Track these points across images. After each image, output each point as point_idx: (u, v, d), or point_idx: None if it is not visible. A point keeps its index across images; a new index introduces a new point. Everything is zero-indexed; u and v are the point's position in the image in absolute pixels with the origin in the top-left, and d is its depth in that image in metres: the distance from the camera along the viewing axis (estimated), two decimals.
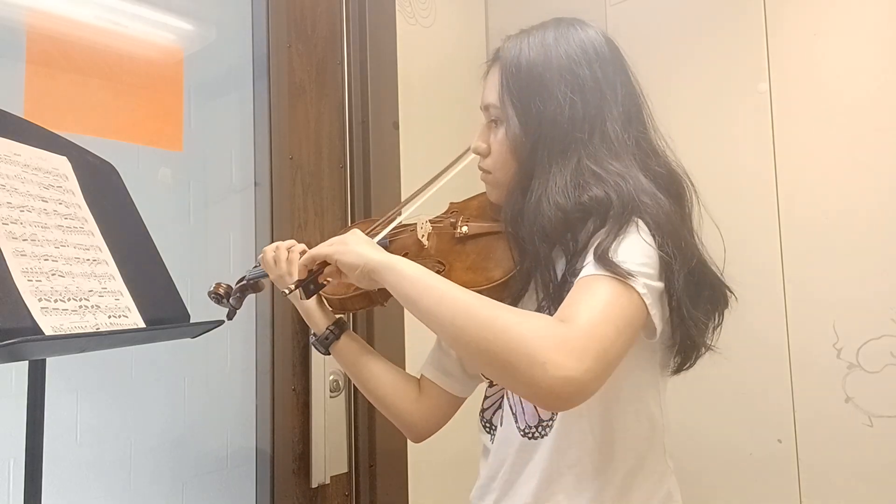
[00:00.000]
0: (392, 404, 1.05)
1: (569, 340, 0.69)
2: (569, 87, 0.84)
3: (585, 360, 0.68)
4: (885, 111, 1.36)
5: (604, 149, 0.84)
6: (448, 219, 1.00)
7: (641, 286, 0.75)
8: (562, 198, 0.81)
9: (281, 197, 1.60)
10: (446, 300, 0.76)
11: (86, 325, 0.83)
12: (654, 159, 0.88)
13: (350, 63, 1.75)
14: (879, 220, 1.35)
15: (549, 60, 0.85)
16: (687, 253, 0.81)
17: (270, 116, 1.60)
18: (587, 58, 0.86)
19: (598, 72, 0.86)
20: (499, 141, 0.90)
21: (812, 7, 1.46)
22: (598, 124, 0.84)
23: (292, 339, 1.58)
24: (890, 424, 1.32)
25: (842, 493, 1.37)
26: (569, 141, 0.84)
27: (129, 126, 1.44)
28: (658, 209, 0.80)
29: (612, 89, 0.86)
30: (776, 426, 1.45)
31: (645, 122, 0.90)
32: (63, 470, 1.28)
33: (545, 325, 0.71)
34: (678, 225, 0.83)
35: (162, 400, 1.45)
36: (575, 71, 0.85)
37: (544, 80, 0.85)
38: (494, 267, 0.89)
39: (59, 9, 1.37)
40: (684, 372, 0.90)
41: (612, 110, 0.85)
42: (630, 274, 0.74)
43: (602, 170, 0.82)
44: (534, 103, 0.85)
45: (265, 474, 1.54)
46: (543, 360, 0.67)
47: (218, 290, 1.16)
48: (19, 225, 0.84)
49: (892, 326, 1.33)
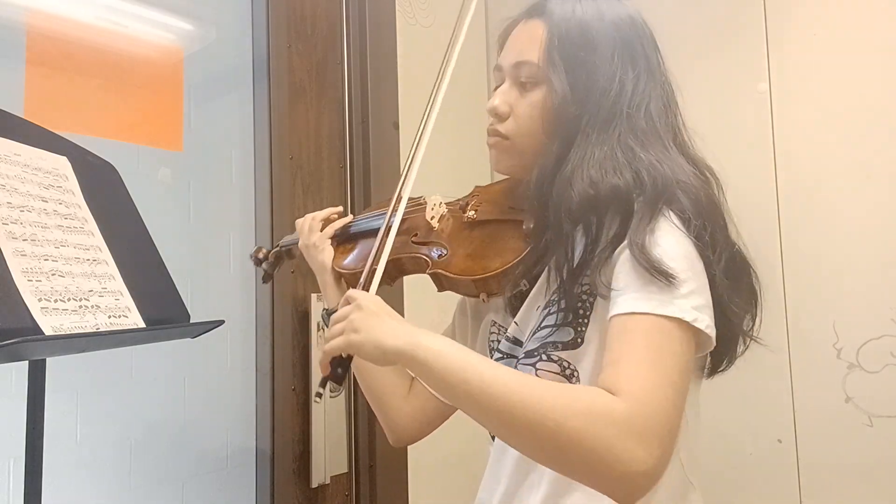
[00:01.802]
0: (380, 397, 1.01)
1: (632, 427, 0.60)
2: (621, 59, 0.79)
3: (653, 446, 0.60)
4: (886, 111, 1.35)
5: (647, 128, 0.79)
6: (462, 202, 0.96)
7: (688, 312, 0.67)
8: (596, 172, 0.75)
9: (281, 197, 1.60)
10: (484, 397, 0.65)
11: (86, 325, 0.83)
12: (687, 148, 0.84)
13: (350, 63, 1.75)
14: (879, 220, 1.35)
15: (606, 27, 0.79)
16: (729, 238, 0.77)
17: (270, 116, 1.60)
18: (639, 36, 0.82)
19: (649, 51, 0.82)
20: (530, 104, 0.82)
21: (812, 7, 1.46)
22: (644, 102, 0.79)
23: (292, 339, 1.58)
24: (890, 424, 1.32)
25: (842, 493, 1.37)
26: (614, 114, 0.78)
27: (129, 126, 1.44)
28: (698, 191, 0.75)
29: (658, 72, 0.83)
30: (776, 426, 1.45)
31: (677, 113, 0.86)
32: (63, 470, 1.28)
33: (601, 411, 0.61)
34: (719, 208, 0.78)
35: (162, 400, 1.45)
36: (630, 44, 0.80)
37: (598, 46, 0.79)
38: (494, 256, 0.83)
39: (59, 9, 1.37)
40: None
41: (656, 90, 0.81)
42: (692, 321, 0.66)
43: (641, 148, 0.76)
44: (586, 69, 0.78)
45: (265, 474, 1.54)
46: (611, 459, 0.59)
47: (258, 253, 1.23)
48: (19, 225, 0.84)
49: (892, 326, 1.33)
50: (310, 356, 1.59)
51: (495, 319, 0.95)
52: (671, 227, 0.72)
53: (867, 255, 1.36)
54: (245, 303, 1.60)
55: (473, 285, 0.85)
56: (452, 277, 0.87)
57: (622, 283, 0.70)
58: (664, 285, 0.67)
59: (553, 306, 0.80)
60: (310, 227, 1.08)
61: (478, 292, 0.86)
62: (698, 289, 0.70)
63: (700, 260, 0.72)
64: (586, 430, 0.60)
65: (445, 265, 0.88)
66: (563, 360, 0.79)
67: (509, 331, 0.88)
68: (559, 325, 0.78)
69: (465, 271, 0.84)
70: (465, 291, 0.92)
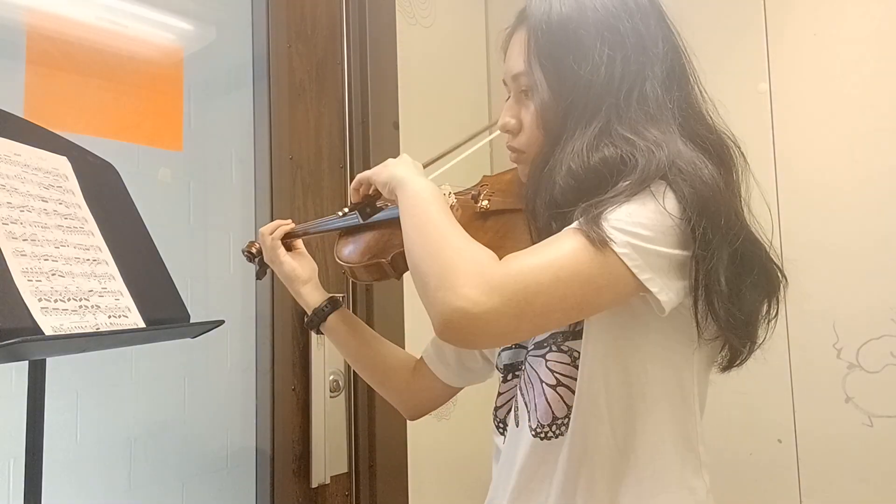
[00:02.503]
0: (384, 382, 1.06)
1: (487, 274, 0.66)
2: (606, 44, 0.75)
3: (493, 298, 0.64)
4: (885, 111, 1.35)
5: (641, 113, 0.75)
6: (472, 191, 0.95)
7: (622, 245, 0.67)
8: (574, 162, 0.73)
9: (281, 197, 1.60)
10: (424, 212, 0.75)
11: (86, 325, 0.83)
12: (700, 123, 0.79)
13: (350, 63, 1.75)
14: (879, 220, 1.35)
15: (585, 14, 0.76)
16: (733, 227, 0.72)
17: (270, 116, 1.60)
18: (627, 9, 0.77)
19: (640, 25, 0.78)
20: (531, 113, 0.81)
21: (812, 7, 1.46)
22: (637, 85, 0.76)
23: (292, 339, 1.58)
24: (890, 424, 1.32)
25: (842, 493, 1.37)
26: (600, 104, 0.75)
27: (129, 126, 1.44)
28: (696, 178, 0.71)
29: (654, 44, 0.78)
30: (776, 426, 1.45)
31: (689, 81, 0.82)
32: (63, 470, 1.28)
33: (479, 258, 0.68)
34: (724, 196, 0.73)
35: (162, 400, 1.45)
36: (614, 25, 0.76)
37: (579, 36, 0.76)
38: (510, 247, 0.81)
39: (59, 9, 1.37)
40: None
41: (654, 68, 0.77)
42: (608, 237, 0.67)
43: (636, 135, 0.73)
44: (567, 64, 0.76)
45: (265, 474, 1.54)
46: (452, 284, 0.65)
47: (251, 248, 1.21)
48: (19, 225, 0.84)
49: (892, 326, 1.33)
50: (310, 356, 1.59)
51: None
52: (650, 200, 0.70)
53: (867, 256, 1.36)
54: (245, 303, 1.60)
55: None
56: None
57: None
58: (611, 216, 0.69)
59: None
60: (262, 242, 1.10)
61: None
62: (649, 234, 0.69)
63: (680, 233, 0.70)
64: (456, 259, 0.67)
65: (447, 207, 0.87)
66: (573, 350, 0.81)
67: None
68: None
69: None
70: None
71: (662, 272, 0.70)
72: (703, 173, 0.72)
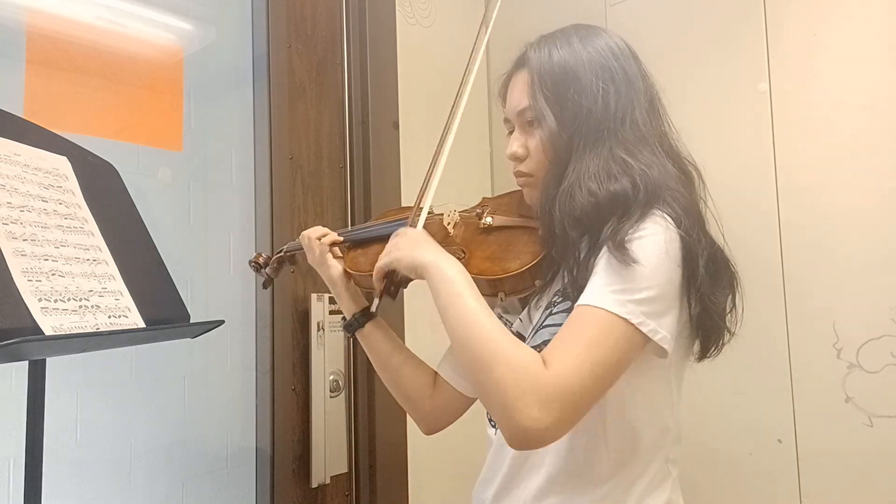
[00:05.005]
0: (408, 397, 1.09)
1: (540, 390, 0.73)
2: (601, 79, 0.88)
3: (552, 413, 0.72)
4: (885, 111, 1.35)
5: (633, 137, 0.87)
6: (476, 210, 1.05)
7: (637, 315, 0.76)
8: (594, 184, 0.84)
9: (281, 197, 1.60)
10: (460, 321, 0.80)
11: (86, 325, 0.83)
12: (672, 147, 0.92)
13: (350, 63, 1.75)
14: (879, 220, 1.35)
15: (580, 56, 0.89)
16: (706, 235, 0.85)
17: (270, 116, 1.61)
18: (613, 53, 0.90)
19: (625, 63, 0.91)
20: (537, 141, 0.92)
21: (812, 7, 1.46)
22: (629, 112, 0.88)
23: (292, 339, 1.59)
24: (890, 424, 1.32)
25: (842, 493, 1.37)
26: (602, 129, 0.87)
27: (129, 126, 1.44)
28: (682, 195, 0.84)
29: (637, 80, 0.91)
30: (776, 426, 1.45)
31: (662, 112, 0.95)
32: (63, 470, 1.28)
33: (526, 370, 0.74)
34: (698, 208, 0.87)
35: (162, 400, 1.45)
36: (605, 64, 0.89)
37: (578, 74, 0.88)
38: (513, 259, 0.92)
39: (59, 9, 1.37)
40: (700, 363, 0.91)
41: (640, 99, 0.90)
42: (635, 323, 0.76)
43: (631, 158, 0.85)
44: (569, 97, 0.88)
45: (265, 474, 1.54)
46: (513, 407, 0.73)
47: (258, 259, 1.24)
48: (19, 225, 0.84)
49: (892, 326, 1.33)
50: (310, 356, 1.59)
51: (500, 315, 1.02)
52: (657, 224, 0.80)
53: (867, 256, 1.36)
54: (245, 303, 1.60)
55: (492, 285, 0.92)
56: (472, 277, 0.91)
57: (596, 271, 0.80)
58: (626, 282, 0.77)
59: (555, 306, 0.88)
60: (309, 245, 1.15)
61: (495, 292, 0.93)
62: (658, 296, 0.78)
63: (678, 264, 0.80)
64: (508, 376, 0.74)
65: (465, 266, 0.93)
66: None
67: (514, 326, 0.98)
68: (562, 323, 0.83)
69: (485, 272, 0.92)
70: (483, 291, 0.96)
71: (672, 323, 0.80)
72: (685, 190, 0.85)
